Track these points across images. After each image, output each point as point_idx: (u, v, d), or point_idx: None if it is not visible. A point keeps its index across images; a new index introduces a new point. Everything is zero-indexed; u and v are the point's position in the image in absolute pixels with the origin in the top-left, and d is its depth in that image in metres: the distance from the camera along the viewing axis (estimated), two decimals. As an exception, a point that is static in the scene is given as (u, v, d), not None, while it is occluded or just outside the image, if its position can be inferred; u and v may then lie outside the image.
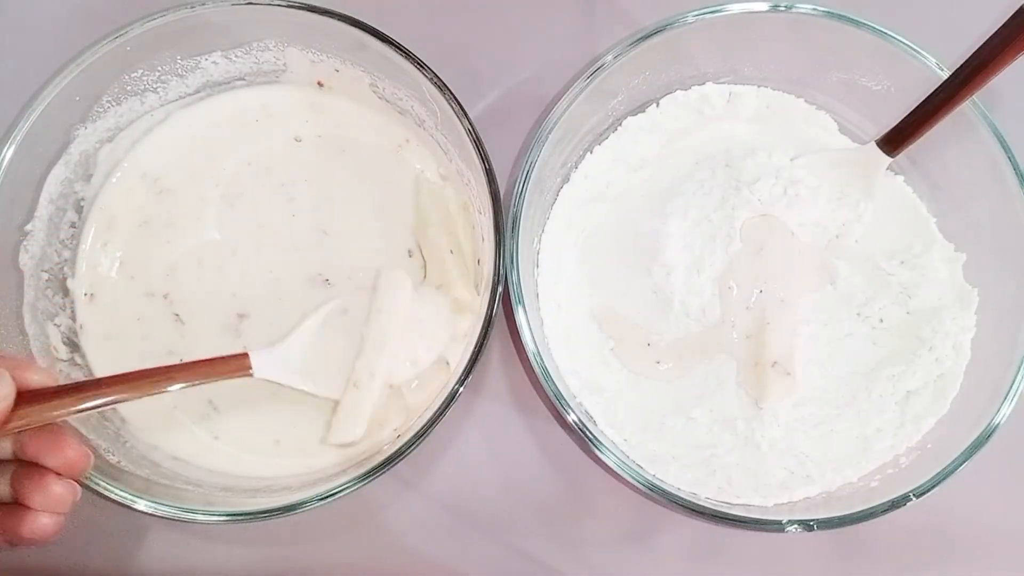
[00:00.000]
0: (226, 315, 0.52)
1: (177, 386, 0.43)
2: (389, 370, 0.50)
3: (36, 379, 0.39)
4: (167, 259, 0.53)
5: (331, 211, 0.54)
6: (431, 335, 0.51)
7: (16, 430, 0.38)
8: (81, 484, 0.41)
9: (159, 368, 0.43)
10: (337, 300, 0.51)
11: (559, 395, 0.47)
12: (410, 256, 0.53)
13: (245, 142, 0.55)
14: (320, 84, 0.55)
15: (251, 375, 0.46)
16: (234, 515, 0.45)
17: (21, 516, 0.38)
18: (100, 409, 0.40)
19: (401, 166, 0.55)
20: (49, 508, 0.38)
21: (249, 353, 0.46)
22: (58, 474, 0.38)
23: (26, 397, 0.38)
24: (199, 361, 0.44)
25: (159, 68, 0.52)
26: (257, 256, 0.53)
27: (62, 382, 0.40)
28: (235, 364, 0.45)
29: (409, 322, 0.50)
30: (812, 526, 0.46)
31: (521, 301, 0.48)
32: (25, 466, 0.39)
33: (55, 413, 0.38)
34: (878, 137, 0.52)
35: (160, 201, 0.54)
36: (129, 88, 0.52)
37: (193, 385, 0.43)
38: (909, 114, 0.50)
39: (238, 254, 0.53)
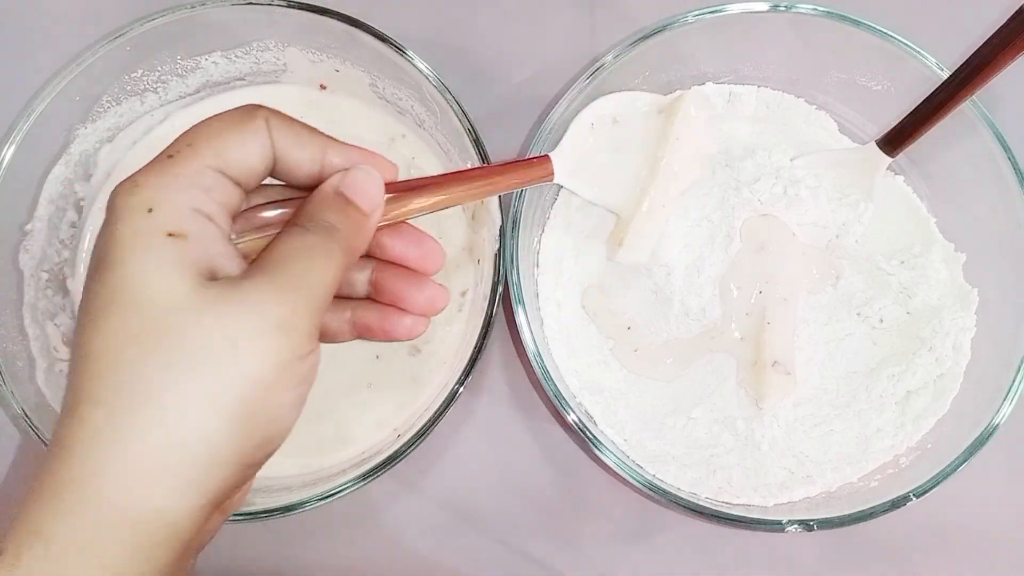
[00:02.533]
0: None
1: (492, 190, 0.41)
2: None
3: (388, 175, 0.36)
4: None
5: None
6: None
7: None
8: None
9: (477, 169, 0.41)
10: (604, 102, 0.49)
11: (559, 395, 0.47)
12: None
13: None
14: (323, 87, 0.55)
15: (552, 180, 0.45)
16: (234, 515, 0.45)
17: (395, 317, 0.37)
18: (442, 209, 0.38)
19: (398, 161, 0.55)
20: (425, 310, 0.38)
21: (551, 156, 0.45)
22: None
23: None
24: (512, 163, 0.43)
25: (159, 68, 0.52)
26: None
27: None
28: (541, 168, 0.44)
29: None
30: (812, 526, 0.46)
31: (521, 301, 0.48)
32: (393, 268, 0.38)
33: (408, 210, 0.36)
34: (878, 137, 0.52)
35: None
36: (129, 88, 0.52)
37: (503, 192, 0.42)
38: (909, 114, 0.50)
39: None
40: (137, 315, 0.27)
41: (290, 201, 0.35)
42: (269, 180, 0.35)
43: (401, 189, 0.37)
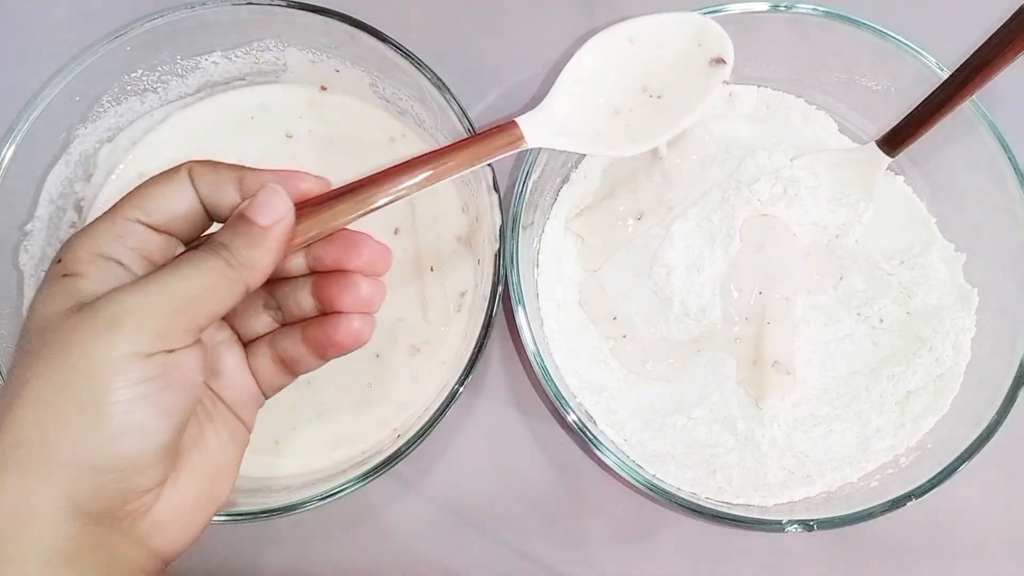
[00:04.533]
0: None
1: (451, 172, 0.38)
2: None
3: (308, 187, 0.37)
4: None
5: None
6: None
7: (306, 243, 0.36)
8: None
9: (430, 153, 0.39)
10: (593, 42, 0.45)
11: (559, 395, 0.47)
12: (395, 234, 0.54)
13: (245, 142, 0.55)
14: (323, 88, 0.55)
15: (523, 146, 0.41)
16: (234, 515, 0.45)
17: (333, 322, 0.37)
18: (381, 209, 0.37)
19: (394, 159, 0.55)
20: (360, 308, 0.37)
21: (517, 121, 0.41)
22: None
23: (306, 207, 0.36)
24: (470, 138, 0.40)
25: (159, 68, 0.52)
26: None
27: None
28: (507, 136, 0.41)
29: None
30: (812, 526, 0.46)
31: (521, 301, 0.48)
32: (326, 275, 0.38)
33: (340, 220, 0.36)
34: (878, 137, 0.52)
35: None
36: (129, 88, 0.52)
37: (467, 171, 0.39)
38: (909, 114, 0.50)
39: None
40: (25, 334, 0.31)
41: None
42: None
43: (332, 197, 0.37)
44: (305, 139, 0.55)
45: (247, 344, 0.39)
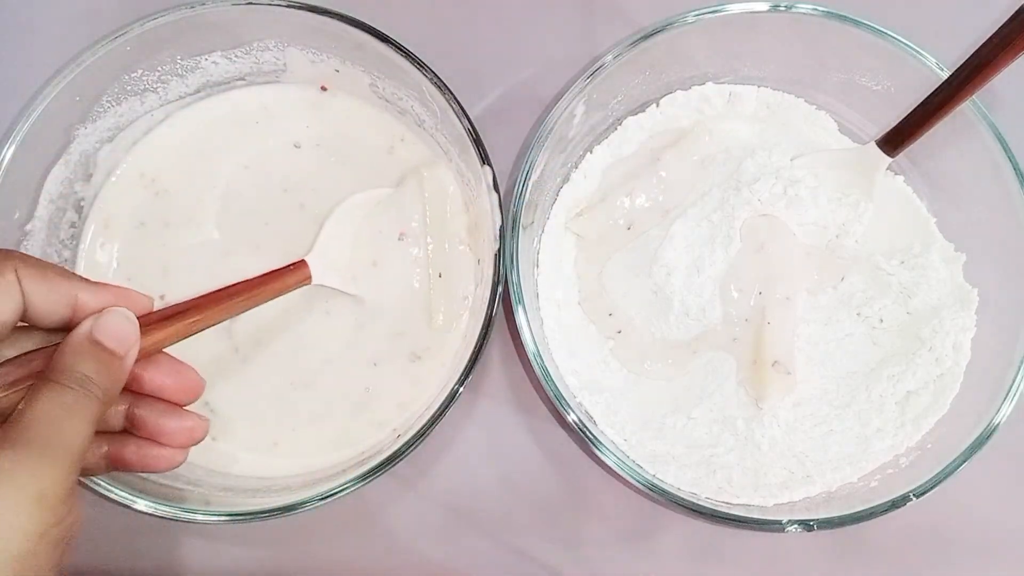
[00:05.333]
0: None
1: (250, 304, 0.42)
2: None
3: (142, 306, 0.37)
4: (164, 260, 0.53)
5: (329, 212, 0.54)
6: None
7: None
8: (83, 484, 0.40)
9: (234, 285, 0.42)
10: (362, 195, 0.53)
11: (559, 395, 0.47)
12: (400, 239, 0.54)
13: (245, 143, 0.55)
14: (324, 89, 0.55)
15: (310, 283, 0.48)
16: (234, 515, 0.45)
17: (147, 447, 0.37)
18: (200, 332, 0.39)
19: (398, 165, 0.55)
20: (178, 441, 0.37)
21: (307, 260, 0.47)
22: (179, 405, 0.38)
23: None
24: (267, 274, 0.45)
25: (159, 68, 0.52)
26: (254, 257, 0.53)
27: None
28: (298, 274, 0.47)
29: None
30: (812, 526, 0.46)
31: (521, 301, 0.48)
32: (143, 397, 0.37)
33: (164, 342, 0.37)
34: (878, 137, 0.52)
35: (158, 201, 0.54)
36: (129, 88, 0.52)
37: (263, 303, 0.44)
38: (909, 114, 0.50)
39: (235, 255, 0.53)
40: None
41: (42, 351, 0.34)
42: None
43: (155, 320, 0.37)
44: (309, 146, 0.55)
45: None
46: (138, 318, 0.36)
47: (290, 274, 0.47)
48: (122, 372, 0.34)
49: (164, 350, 0.38)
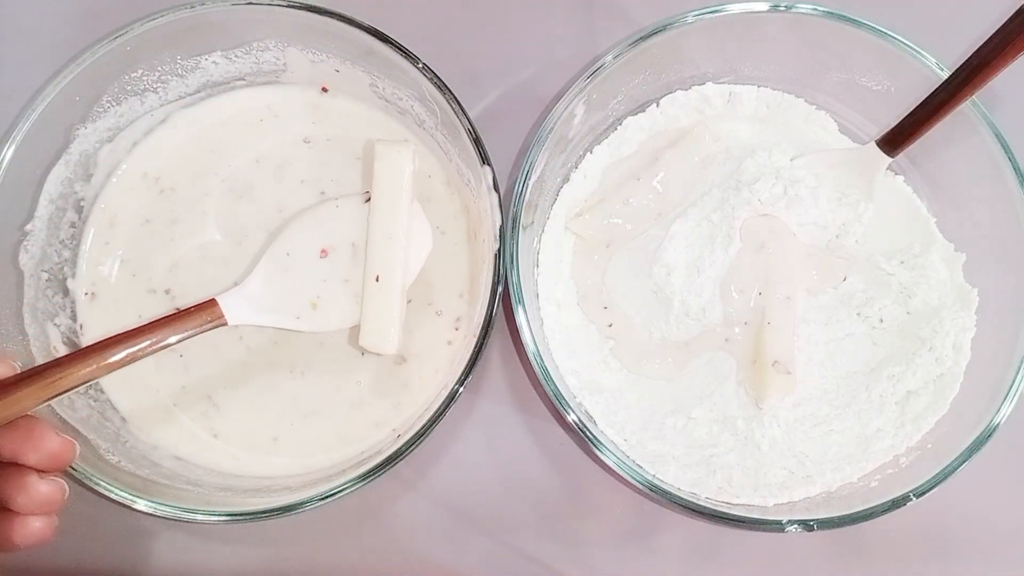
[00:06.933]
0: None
1: (148, 350, 0.38)
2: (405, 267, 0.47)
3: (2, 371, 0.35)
4: (170, 256, 0.53)
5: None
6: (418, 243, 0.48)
7: None
8: (83, 484, 0.39)
9: (124, 333, 0.38)
10: (304, 216, 0.49)
11: (559, 395, 0.47)
12: None
13: (246, 142, 0.55)
14: (324, 89, 0.55)
15: (225, 323, 0.42)
16: (234, 515, 0.45)
17: (8, 522, 0.34)
18: (74, 390, 0.36)
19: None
20: (36, 510, 0.35)
21: (217, 299, 0.42)
22: (41, 471, 0.35)
23: None
24: (166, 317, 0.40)
25: (159, 68, 0.52)
26: (260, 252, 0.53)
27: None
28: (206, 314, 0.42)
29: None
30: (812, 526, 0.46)
31: (521, 301, 0.48)
32: (3, 467, 0.35)
33: (22, 405, 0.34)
34: (878, 137, 0.52)
35: (162, 200, 0.54)
36: (129, 88, 0.52)
37: (167, 347, 0.39)
38: (909, 114, 0.50)
39: (241, 249, 0.53)
40: None
41: None
42: None
43: (24, 378, 0.34)
44: (310, 148, 0.55)
45: None
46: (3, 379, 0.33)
47: (192, 317, 0.42)
48: None
49: (30, 414, 0.35)
